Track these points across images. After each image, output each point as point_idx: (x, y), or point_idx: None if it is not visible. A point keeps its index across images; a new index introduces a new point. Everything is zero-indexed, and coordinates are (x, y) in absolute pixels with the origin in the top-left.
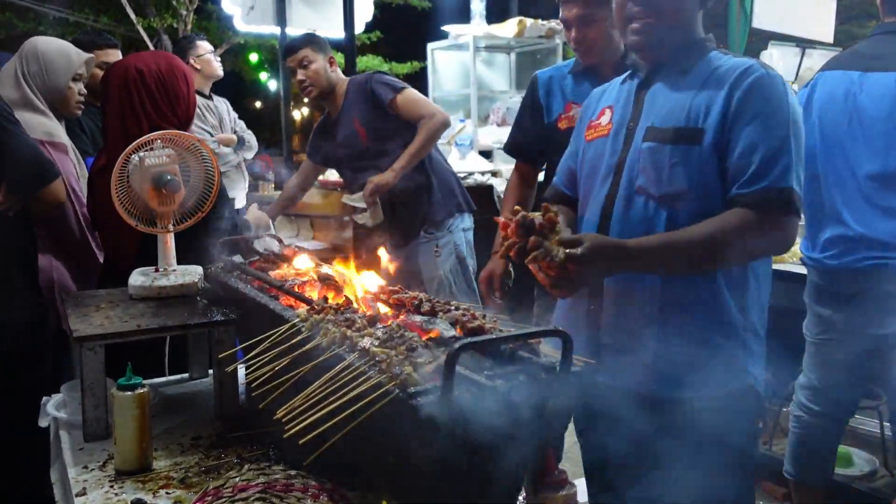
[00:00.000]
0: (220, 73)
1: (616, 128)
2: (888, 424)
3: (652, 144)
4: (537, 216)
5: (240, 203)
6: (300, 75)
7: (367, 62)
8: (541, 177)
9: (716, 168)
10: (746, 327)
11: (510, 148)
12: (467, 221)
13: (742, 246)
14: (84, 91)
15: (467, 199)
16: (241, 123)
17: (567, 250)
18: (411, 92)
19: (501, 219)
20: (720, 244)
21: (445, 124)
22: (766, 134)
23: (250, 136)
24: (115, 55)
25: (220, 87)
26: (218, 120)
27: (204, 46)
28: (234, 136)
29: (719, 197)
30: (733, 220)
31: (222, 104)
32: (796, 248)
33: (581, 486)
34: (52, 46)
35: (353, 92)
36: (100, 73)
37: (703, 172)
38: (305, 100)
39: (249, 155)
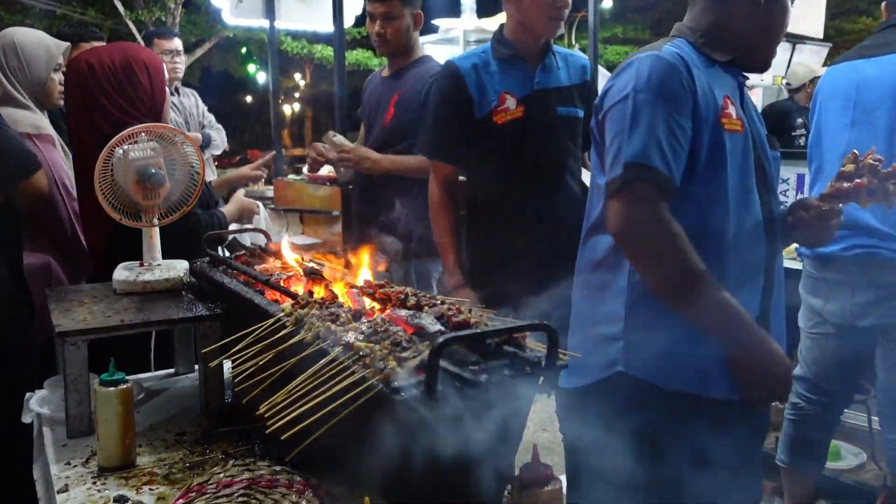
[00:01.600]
0: (174, 74)
1: (745, 126)
2: (876, 418)
3: (777, 154)
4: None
5: None
6: (378, 27)
7: (356, 56)
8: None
9: None
10: None
11: (430, 149)
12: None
13: None
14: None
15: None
16: (211, 117)
17: None
18: None
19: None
20: None
21: None
22: None
23: (217, 133)
24: None
25: (212, 82)
26: (184, 118)
27: (159, 45)
28: (199, 136)
29: None
30: None
31: (190, 97)
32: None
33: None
34: (30, 38)
35: (416, 73)
36: None
37: None
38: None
39: (217, 152)
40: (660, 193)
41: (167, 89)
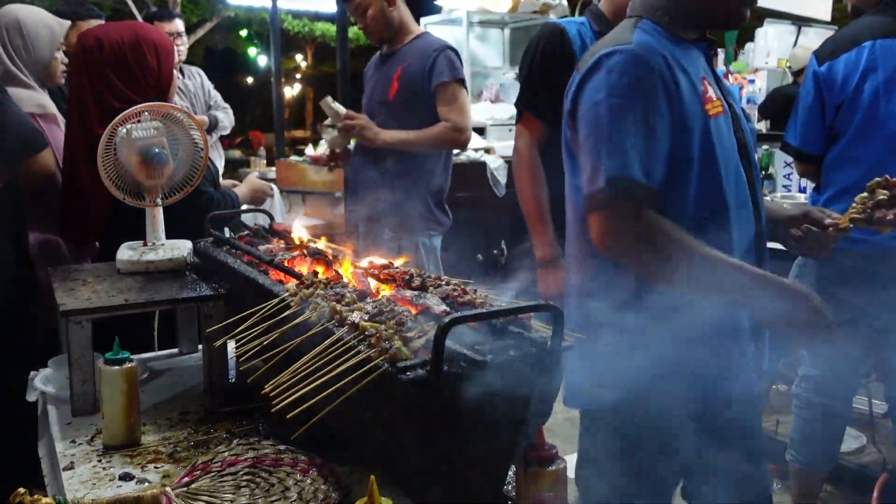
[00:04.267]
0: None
1: (723, 105)
2: (876, 401)
3: (753, 127)
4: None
5: None
6: (360, 23)
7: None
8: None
9: None
10: None
11: (530, 102)
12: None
13: None
14: (66, 59)
15: (446, 213)
16: (217, 96)
17: None
18: (463, 92)
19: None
20: None
21: (458, 144)
22: None
23: (224, 114)
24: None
25: (213, 64)
26: (189, 101)
27: (160, 27)
28: (205, 118)
29: None
30: None
31: (196, 77)
32: None
33: (571, 462)
34: (33, 17)
35: (417, 47)
36: None
37: None
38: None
39: (225, 133)
40: (644, 204)
41: (174, 72)
